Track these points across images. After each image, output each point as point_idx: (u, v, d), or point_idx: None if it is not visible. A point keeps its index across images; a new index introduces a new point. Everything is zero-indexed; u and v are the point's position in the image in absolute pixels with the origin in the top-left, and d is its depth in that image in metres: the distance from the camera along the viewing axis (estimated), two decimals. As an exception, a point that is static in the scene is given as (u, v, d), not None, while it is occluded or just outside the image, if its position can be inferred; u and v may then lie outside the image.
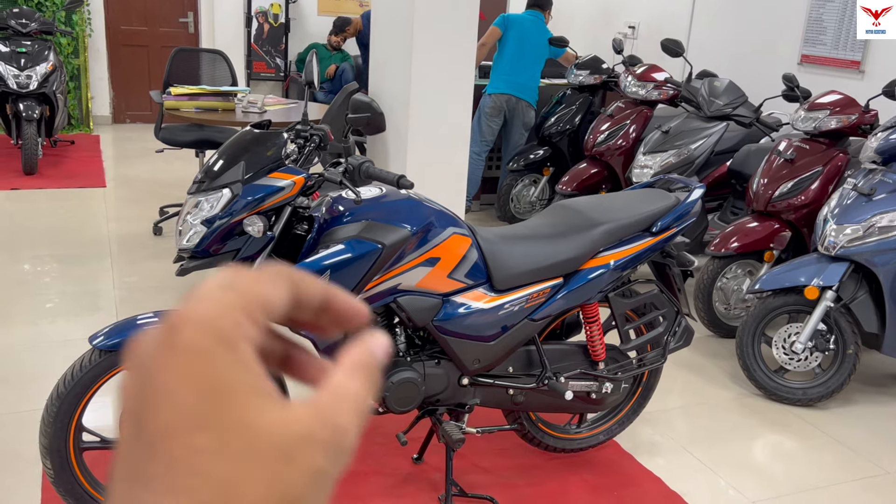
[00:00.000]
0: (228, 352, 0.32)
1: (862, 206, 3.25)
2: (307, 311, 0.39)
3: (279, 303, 0.36)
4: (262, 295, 0.35)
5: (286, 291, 0.37)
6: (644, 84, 4.84)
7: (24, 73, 5.99)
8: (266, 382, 0.33)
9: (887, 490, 2.83)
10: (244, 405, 0.31)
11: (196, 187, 2.09)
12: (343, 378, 0.36)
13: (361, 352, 0.37)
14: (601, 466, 2.82)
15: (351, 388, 0.35)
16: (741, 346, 3.44)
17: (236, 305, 0.34)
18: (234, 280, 0.35)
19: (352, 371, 0.36)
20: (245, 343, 0.33)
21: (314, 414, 0.33)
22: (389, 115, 3.92)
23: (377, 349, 0.38)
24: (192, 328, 0.32)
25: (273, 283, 0.36)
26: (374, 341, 0.38)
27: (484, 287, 2.34)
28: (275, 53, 8.38)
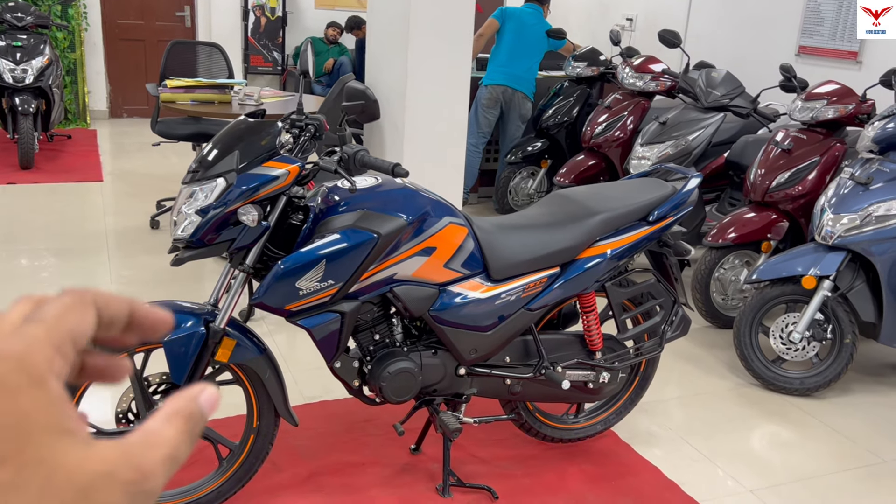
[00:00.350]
0: (36, 389, 0.32)
1: (859, 195, 3.25)
2: (114, 328, 0.39)
3: (87, 330, 0.37)
4: (71, 326, 0.36)
5: (92, 316, 0.37)
6: (641, 75, 4.83)
7: (20, 67, 5.97)
8: (72, 420, 0.33)
9: (885, 479, 2.83)
10: (46, 443, 0.32)
11: (190, 177, 2.08)
12: (158, 423, 0.36)
13: (185, 399, 0.38)
14: (599, 456, 2.82)
15: (164, 434, 0.36)
16: (739, 336, 3.44)
17: (46, 341, 0.34)
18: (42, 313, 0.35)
19: (169, 417, 0.36)
20: (53, 379, 0.33)
21: (119, 454, 0.33)
22: (386, 108, 3.91)
23: (203, 401, 0.38)
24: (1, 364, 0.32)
25: (79, 310, 0.37)
26: (202, 392, 0.39)
27: (480, 277, 2.34)
28: (272, 47, 8.36)
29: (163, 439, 0.35)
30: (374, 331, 2.29)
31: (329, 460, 2.64)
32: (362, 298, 2.19)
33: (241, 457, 2.31)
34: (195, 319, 2.12)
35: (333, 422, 2.87)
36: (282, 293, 2.08)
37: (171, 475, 0.35)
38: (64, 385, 0.34)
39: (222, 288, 2.22)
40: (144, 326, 0.41)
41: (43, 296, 0.38)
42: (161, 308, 0.42)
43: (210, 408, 0.39)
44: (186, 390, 0.38)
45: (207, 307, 2.18)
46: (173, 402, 0.38)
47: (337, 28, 8.10)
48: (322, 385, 3.04)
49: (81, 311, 0.37)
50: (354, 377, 2.30)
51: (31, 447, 0.31)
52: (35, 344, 0.34)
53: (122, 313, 0.39)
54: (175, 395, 0.38)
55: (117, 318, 0.39)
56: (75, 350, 0.36)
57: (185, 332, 2.09)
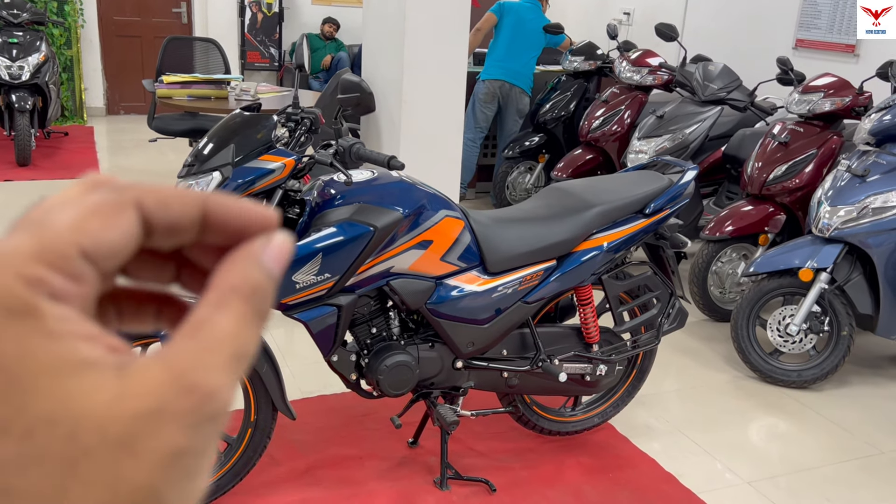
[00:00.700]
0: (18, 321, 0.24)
1: (856, 187, 3.25)
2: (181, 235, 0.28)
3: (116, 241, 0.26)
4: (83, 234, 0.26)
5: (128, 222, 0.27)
6: (639, 69, 4.83)
7: (16, 63, 5.96)
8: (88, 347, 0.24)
9: (882, 470, 2.84)
10: (50, 390, 0.23)
11: (186, 171, 2.08)
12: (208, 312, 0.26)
13: (241, 267, 0.27)
14: (596, 449, 2.82)
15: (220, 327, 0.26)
16: (736, 328, 3.44)
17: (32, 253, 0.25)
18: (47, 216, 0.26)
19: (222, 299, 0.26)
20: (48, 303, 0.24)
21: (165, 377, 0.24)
22: (383, 102, 3.91)
23: (267, 257, 0.28)
24: None
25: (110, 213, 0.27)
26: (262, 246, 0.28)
27: (477, 270, 2.34)
28: (269, 43, 8.35)
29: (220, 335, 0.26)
30: (371, 324, 2.29)
31: (327, 454, 2.64)
32: (359, 292, 2.19)
33: (239, 450, 2.32)
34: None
35: (331, 416, 2.88)
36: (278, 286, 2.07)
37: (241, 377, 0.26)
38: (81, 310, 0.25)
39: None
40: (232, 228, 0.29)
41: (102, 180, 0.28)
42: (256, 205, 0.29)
43: (279, 265, 0.28)
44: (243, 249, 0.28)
45: (204, 301, 2.18)
46: (227, 274, 0.27)
47: (333, 24, 8.08)
48: (320, 379, 3.04)
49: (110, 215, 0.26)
50: (352, 371, 2.31)
51: (35, 402, 0.23)
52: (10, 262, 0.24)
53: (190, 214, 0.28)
54: (229, 261, 0.27)
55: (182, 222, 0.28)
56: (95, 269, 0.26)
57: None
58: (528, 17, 5.46)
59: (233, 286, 0.27)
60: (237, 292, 0.27)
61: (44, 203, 0.27)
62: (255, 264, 0.27)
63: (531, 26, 5.45)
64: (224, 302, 0.26)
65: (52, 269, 0.25)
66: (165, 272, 0.31)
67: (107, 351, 0.25)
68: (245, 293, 0.27)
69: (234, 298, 0.27)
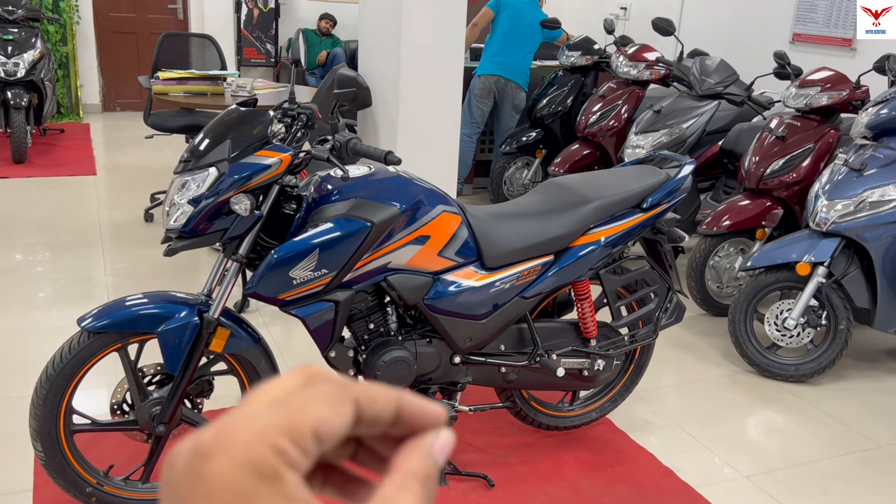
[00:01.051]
0: (267, 486, 0.29)
1: (853, 181, 3.25)
2: (379, 426, 0.34)
3: (339, 428, 0.32)
4: (316, 418, 0.31)
5: (349, 412, 0.32)
6: (635, 64, 4.82)
7: (12, 60, 5.94)
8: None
9: (880, 463, 2.84)
10: None
11: (182, 167, 2.07)
12: (395, 492, 0.32)
13: (420, 457, 0.33)
14: (594, 444, 2.82)
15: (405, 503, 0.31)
16: (733, 323, 3.44)
17: (281, 428, 0.30)
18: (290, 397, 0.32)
19: (406, 482, 0.32)
20: (289, 472, 0.30)
21: None
22: (379, 97, 3.90)
23: (438, 452, 0.34)
24: (226, 457, 0.29)
25: (334, 403, 0.32)
26: (434, 442, 0.34)
27: (474, 265, 2.33)
28: (265, 39, 8.32)
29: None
30: (368, 320, 2.28)
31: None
32: (356, 287, 2.18)
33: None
34: (189, 310, 2.11)
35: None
36: (275, 283, 2.07)
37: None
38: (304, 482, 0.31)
39: (216, 278, 2.21)
40: (414, 424, 0.35)
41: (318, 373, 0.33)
42: (432, 403, 0.36)
43: (445, 457, 0.34)
44: (419, 441, 0.33)
45: (201, 298, 2.18)
46: (408, 461, 0.33)
47: (329, 20, 8.06)
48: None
49: (336, 406, 0.32)
50: (349, 366, 2.30)
51: None
52: (266, 431, 0.30)
53: (389, 411, 0.34)
54: (408, 449, 0.33)
55: (383, 416, 0.34)
56: (319, 448, 0.31)
57: (179, 322, 2.09)
58: (525, 12, 5.45)
59: (413, 472, 0.32)
60: (416, 478, 0.32)
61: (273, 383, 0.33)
62: (430, 455, 0.33)
63: (528, 21, 5.44)
64: (407, 485, 0.32)
65: (293, 444, 0.30)
66: (346, 449, 0.37)
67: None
68: (422, 479, 0.32)
69: (415, 482, 0.32)
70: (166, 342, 2.08)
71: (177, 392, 2.14)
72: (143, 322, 2.09)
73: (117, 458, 2.41)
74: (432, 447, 0.33)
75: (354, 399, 0.33)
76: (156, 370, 2.21)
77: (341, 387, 0.33)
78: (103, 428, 2.26)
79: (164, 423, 2.16)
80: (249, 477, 0.29)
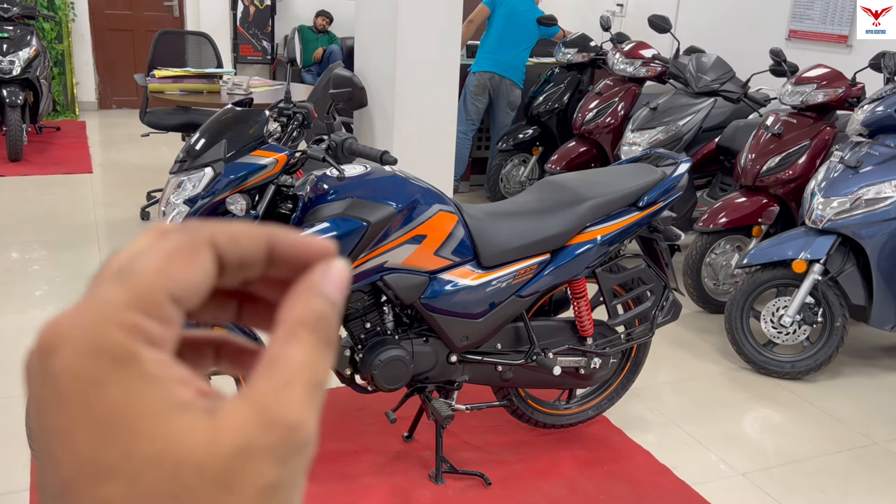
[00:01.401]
0: (121, 368, 0.25)
1: (849, 178, 3.25)
2: (248, 270, 0.30)
3: (198, 281, 0.27)
4: (169, 278, 0.27)
5: (206, 262, 0.28)
6: (632, 61, 4.82)
7: (7, 58, 5.92)
8: (183, 391, 0.26)
9: (876, 460, 2.85)
10: (154, 433, 0.25)
11: (178, 167, 2.07)
12: (281, 347, 0.27)
13: (304, 298, 0.28)
14: (591, 442, 2.83)
15: (292, 360, 0.27)
16: (730, 320, 3.45)
17: (128, 301, 0.26)
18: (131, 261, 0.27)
19: (290, 333, 0.27)
20: (146, 349, 0.26)
21: (250, 415, 0.26)
22: (376, 96, 3.90)
23: (328, 286, 0.29)
24: (69, 349, 0.25)
25: (188, 254, 0.27)
26: (322, 276, 0.29)
27: (471, 264, 2.33)
28: (261, 36, 8.31)
29: (294, 368, 0.27)
30: (365, 319, 2.29)
31: (322, 449, 2.64)
32: (353, 287, 2.18)
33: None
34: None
35: (326, 411, 2.87)
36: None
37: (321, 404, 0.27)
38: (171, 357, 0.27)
39: (212, 278, 2.21)
40: (296, 261, 0.30)
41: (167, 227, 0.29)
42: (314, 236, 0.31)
43: (339, 292, 0.29)
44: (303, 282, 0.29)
45: (197, 297, 2.17)
46: (292, 309, 0.28)
47: (326, 17, 8.05)
48: (314, 374, 3.03)
49: (189, 257, 0.27)
50: (346, 366, 2.30)
51: (139, 445, 0.24)
52: (108, 311, 0.26)
53: (258, 249, 0.29)
54: (291, 295, 0.28)
55: (251, 256, 0.29)
56: (181, 311, 0.27)
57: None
58: (521, 9, 5.44)
59: (299, 319, 0.28)
60: (304, 324, 0.28)
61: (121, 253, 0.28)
62: (317, 294, 0.28)
63: (524, 18, 5.43)
64: (293, 335, 0.27)
65: (146, 316, 0.26)
66: (226, 311, 0.32)
67: (196, 393, 0.26)
68: (311, 324, 0.28)
69: (302, 330, 0.27)
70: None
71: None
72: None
73: (114, 457, 2.41)
74: (320, 284, 0.28)
75: (211, 243, 0.28)
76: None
77: (192, 233, 0.28)
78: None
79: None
80: (98, 364, 0.25)
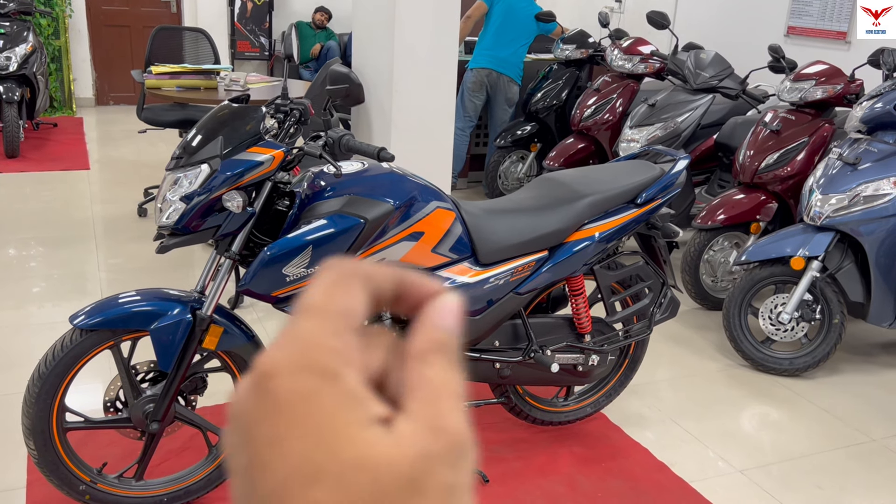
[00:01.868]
0: (332, 384, 0.29)
1: (847, 175, 3.25)
2: (382, 304, 0.34)
3: (359, 308, 0.32)
4: (343, 308, 0.32)
5: (360, 292, 0.33)
6: (630, 58, 4.81)
7: (3, 54, 5.90)
8: (373, 405, 0.30)
9: (873, 457, 2.85)
10: (356, 442, 0.28)
11: (174, 163, 2.06)
12: (420, 374, 0.32)
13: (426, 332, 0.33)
14: (589, 439, 2.83)
15: (434, 379, 0.31)
16: (728, 317, 3.45)
17: (324, 331, 0.31)
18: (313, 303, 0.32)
19: (423, 360, 0.32)
20: (347, 368, 0.30)
21: (419, 426, 0.30)
22: (373, 92, 3.88)
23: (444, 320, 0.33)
24: (285, 370, 0.30)
25: (347, 287, 0.33)
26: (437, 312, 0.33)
27: (469, 261, 2.33)
28: (259, 32, 8.29)
29: (437, 386, 0.31)
30: (362, 316, 2.28)
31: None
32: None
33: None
34: (182, 307, 2.10)
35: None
36: (269, 279, 2.06)
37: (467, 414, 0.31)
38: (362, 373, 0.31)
39: (209, 275, 2.20)
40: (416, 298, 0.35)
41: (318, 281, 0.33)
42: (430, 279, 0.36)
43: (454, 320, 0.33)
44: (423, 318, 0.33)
45: (194, 295, 2.17)
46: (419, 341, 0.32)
47: (325, 13, 8.03)
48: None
49: (348, 289, 0.32)
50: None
51: (344, 452, 0.28)
52: (313, 338, 0.30)
53: (389, 285, 0.34)
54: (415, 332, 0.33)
55: (384, 291, 0.34)
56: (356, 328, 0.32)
57: (172, 319, 2.08)
58: (519, 5, 5.43)
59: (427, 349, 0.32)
60: (432, 352, 0.32)
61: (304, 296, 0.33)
62: (437, 327, 0.33)
63: (522, 14, 5.42)
64: (425, 362, 0.32)
65: (339, 340, 0.31)
66: None
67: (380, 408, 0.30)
68: (440, 350, 0.32)
69: (432, 356, 0.32)
70: (159, 339, 2.07)
71: (170, 389, 2.14)
72: (135, 319, 2.08)
73: (111, 455, 2.40)
74: (437, 318, 0.33)
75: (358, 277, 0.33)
76: (149, 367, 2.20)
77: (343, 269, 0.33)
78: (96, 425, 2.25)
79: (158, 421, 2.15)
80: (310, 379, 0.29)
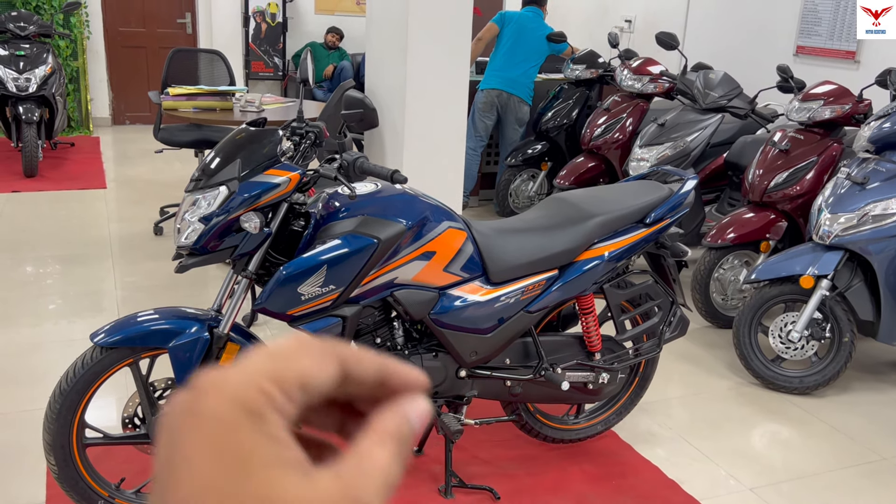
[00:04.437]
0: (251, 421, 0.31)
1: (856, 194, 3.27)
2: (361, 387, 0.37)
3: (322, 379, 0.34)
4: (302, 369, 0.34)
5: (333, 368, 0.35)
6: (640, 77, 4.86)
7: (24, 76, 6.02)
8: (292, 453, 0.32)
9: (884, 476, 2.85)
10: (264, 478, 0.30)
11: (193, 185, 2.11)
12: (371, 447, 0.34)
13: (395, 417, 0.35)
14: (600, 456, 2.84)
15: (378, 460, 0.33)
16: (738, 335, 3.46)
17: (269, 375, 0.33)
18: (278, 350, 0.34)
19: (382, 439, 0.34)
20: (273, 414, 0.32)
21: (338, 487, 0.32)
22: (386, 113, 3.95)
23: (414, 416, 0.36)
24: (217, 395, 0.32)
25: (319, 358, 0.35)
26: (411, 407, 0.36)
27: (480, 280, 2.37)
28: (273, 53, 8.40)
29: (378, 466, 0.33)
30: (375, 334, 2.32)
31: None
32: (363, 303, 2.22)
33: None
34: (199, 325, 2.15)
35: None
36: (284, 298, 2.11)
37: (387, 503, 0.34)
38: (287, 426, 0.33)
39: (226, 294, 2.25)
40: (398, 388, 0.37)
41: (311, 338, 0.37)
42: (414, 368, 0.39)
43: (421, 424, 0.36)
44: (398, 405, 0.36)
45: (211, 313, 2.21)
46: (385, 421, 0.35)
47: (336, 34, 8.14)
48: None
49: (320, 361, 0.35)
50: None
51: (250, 484, 0.30)
52: (255, 376, 0.32)
53: (370, 373, 0.37)
54: (385, 411, 0.36)
55: (364, 377, 0.36)
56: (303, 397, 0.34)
57: (190, 337, 2.12)
58: (530, 26, 5.49)
59: (390, 432, 0.35)
60: (392, 437, 0.34)
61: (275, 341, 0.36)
62: (406, 419, 0.36)
63: (532, 35, 5.48)
64: (382, 442, 0.34)
65: (279, 389, 0.33)
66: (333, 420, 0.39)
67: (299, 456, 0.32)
68: (397, 439, 0.35)
69: (390, 441, 0.34)
70: (177, 357, 2.12)
71: (187, 406, 2.17)
72: (154, 337, 2.13)
73: (129, 471, 2.44)
74: (409, 411, 0.36)
75: (341, 358, 0.35)
76: (166, 384, 2.25)
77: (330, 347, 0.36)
78: (115, 442, 2.29)
79: (175, 437, 2.19)
80: (236, 411, 0.31)
